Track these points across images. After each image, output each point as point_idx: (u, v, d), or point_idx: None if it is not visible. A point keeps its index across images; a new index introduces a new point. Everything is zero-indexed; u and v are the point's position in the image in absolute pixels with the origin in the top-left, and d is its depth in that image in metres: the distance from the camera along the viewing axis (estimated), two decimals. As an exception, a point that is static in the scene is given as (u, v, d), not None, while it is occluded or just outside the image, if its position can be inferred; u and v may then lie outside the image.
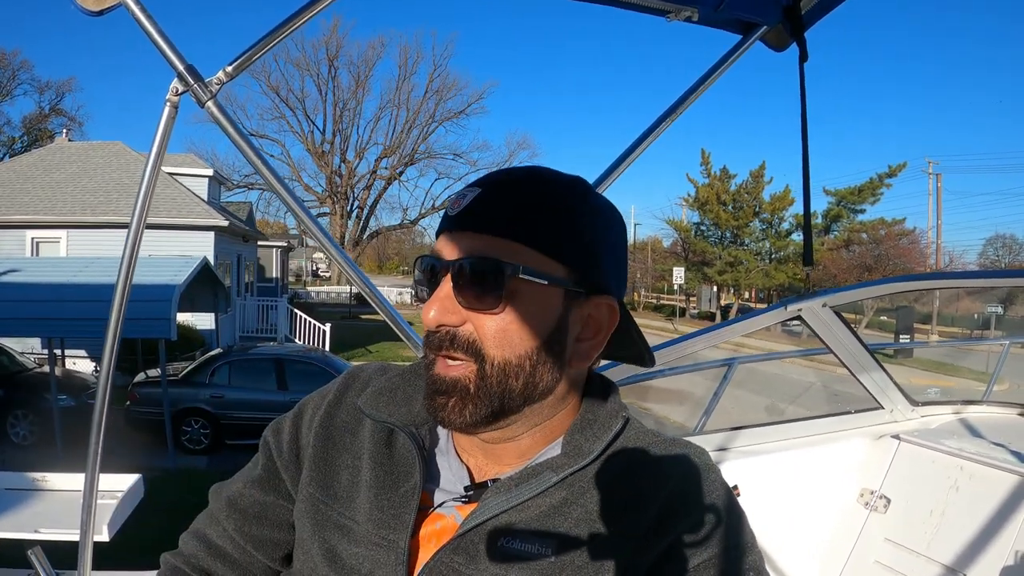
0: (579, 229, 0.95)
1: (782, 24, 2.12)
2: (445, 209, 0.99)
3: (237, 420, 12.63)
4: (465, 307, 0.92)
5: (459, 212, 0.94)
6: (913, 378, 17.59)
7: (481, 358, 0.93)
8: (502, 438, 0.99)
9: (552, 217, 0.94)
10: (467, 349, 0.93)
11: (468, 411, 0.94)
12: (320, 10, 1.55)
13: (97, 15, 1.36)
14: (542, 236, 0.93)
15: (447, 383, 0.94)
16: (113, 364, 1.48)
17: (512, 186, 0.96)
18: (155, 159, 1.41)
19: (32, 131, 50.10)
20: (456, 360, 0.94)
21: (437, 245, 0.97)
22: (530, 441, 1.00)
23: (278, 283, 36.88)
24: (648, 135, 2.11)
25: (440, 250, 0.95)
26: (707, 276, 44.13)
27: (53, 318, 11.13)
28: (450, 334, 0.93)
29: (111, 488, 3.97)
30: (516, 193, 0.95)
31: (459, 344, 0.93)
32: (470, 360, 0.93)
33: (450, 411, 0.94)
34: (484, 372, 0.93)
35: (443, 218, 0.98)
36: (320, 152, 54.49)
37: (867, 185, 38.93)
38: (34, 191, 21.44)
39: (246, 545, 1.14)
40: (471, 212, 0.94)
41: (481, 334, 0.93)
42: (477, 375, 0.93)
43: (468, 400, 0.93)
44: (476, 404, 0.93)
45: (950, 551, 2.81)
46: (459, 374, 0.93)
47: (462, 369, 0.93)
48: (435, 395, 0.95)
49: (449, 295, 0.93)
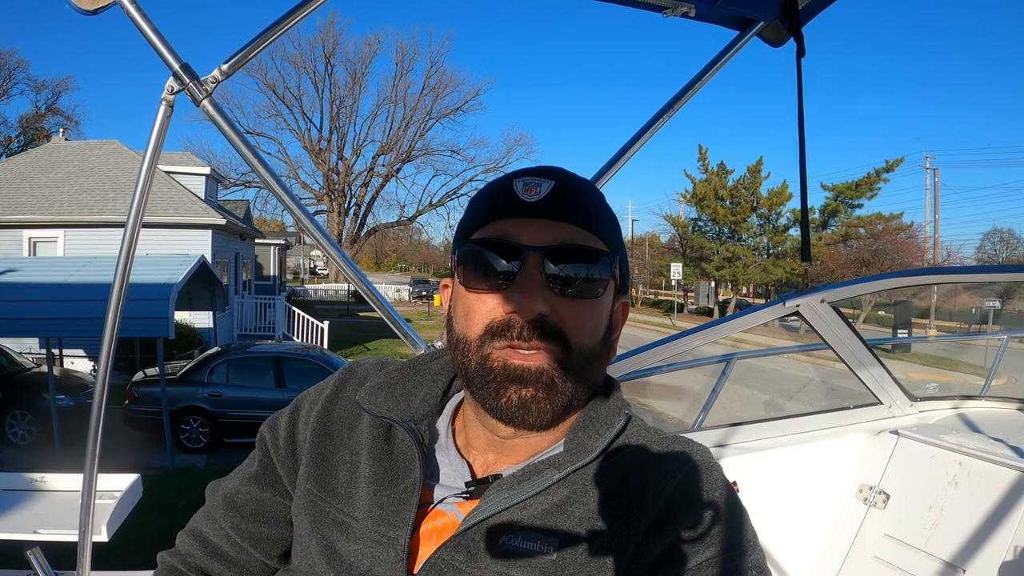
0: (618, 231, 1.00)
1: (779, 20, 2.12)
2: (502, 194, 0.96)
3: (236, 418, 12.61)
4: (560, 295, 0.91)
5: (540, 199, 0.93)
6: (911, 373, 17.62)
7: (567, 348, 0.91)
8: (525, 434, 0.98)
9: (610, 218, 0.99)
10: (556, 336, 0.91)
11: (552, 403, 0.92)
12: (316, 7, 1.54)
13: (92, 14, 1.35)
14: (609, 234, 0.96)
15: (531, 373, 0.91)
16: (111, 363, 1.47)
17: (577, 182, 0.98)
18: (151, 158, 1.41)
19: (28, 130, 50.05)
20: (537, 350, 0.91)
21: (507, 228, 0.93)
22: (542, 438, 1.00)
23: (276, 281, 36.88)
24: (646, 131, 2.11)
25: (517, 234, 0.92)
26: (705, 272, 44.15)
27: (51, 318, 11.11)
28: (539, 323, 0.90)
29: (110, 488, 3.96)
30: (586, 190, 0.97)
31: (547, 333, 0.91)
32: (556, 349, 0.91)
33: (533, 402, 0.91)
34: (568, 363, 0.92)
35: (508, 203, 0.94)
36: (317, 149, 54.47)
37: (865, 180, 38.98)
38: (31, 191, 21.40)
39: (243, 543, 1.13)
40: (554, 200, 0.93)
41: (569, 323, 0.91)
42: (562, 366, 0.91)
43: (554, 393, 0.92)
44: (559, 397, 0.92)
45: (949, 546, 2.81)
46: (544, 363, 0.91)
47: (546, 359, 0.91)
48: (510, 384, 0.91)
49: (542, 282, 0.90)
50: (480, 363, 0.93)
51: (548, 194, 0.93)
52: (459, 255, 0.97)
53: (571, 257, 0.91)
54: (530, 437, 0.99)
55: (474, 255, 0.94)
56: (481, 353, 0.93)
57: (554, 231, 0.92)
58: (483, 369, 0.93)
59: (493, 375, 0.92)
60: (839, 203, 40.15)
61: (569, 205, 0.93)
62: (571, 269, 0.91)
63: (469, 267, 0.94)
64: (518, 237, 0.92)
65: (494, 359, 0.92)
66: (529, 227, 0.92)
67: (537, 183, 0.94)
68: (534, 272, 0.90)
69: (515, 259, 0.91)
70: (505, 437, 0.99)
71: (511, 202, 0.94)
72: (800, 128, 2.30)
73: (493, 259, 0.92)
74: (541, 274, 0.90)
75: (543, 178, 0.95)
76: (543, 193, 0.93)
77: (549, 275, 0.90)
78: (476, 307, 0.93)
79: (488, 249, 0.93)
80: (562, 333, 0.91)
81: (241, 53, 1.50)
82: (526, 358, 0.90)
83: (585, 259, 0.92)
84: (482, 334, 0.93)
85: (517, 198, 0.93)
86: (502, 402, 0.92)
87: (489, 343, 0.92)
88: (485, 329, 0.92)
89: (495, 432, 0.99)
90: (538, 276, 0.90)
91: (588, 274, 0.92)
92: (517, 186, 0.94)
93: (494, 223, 0.94)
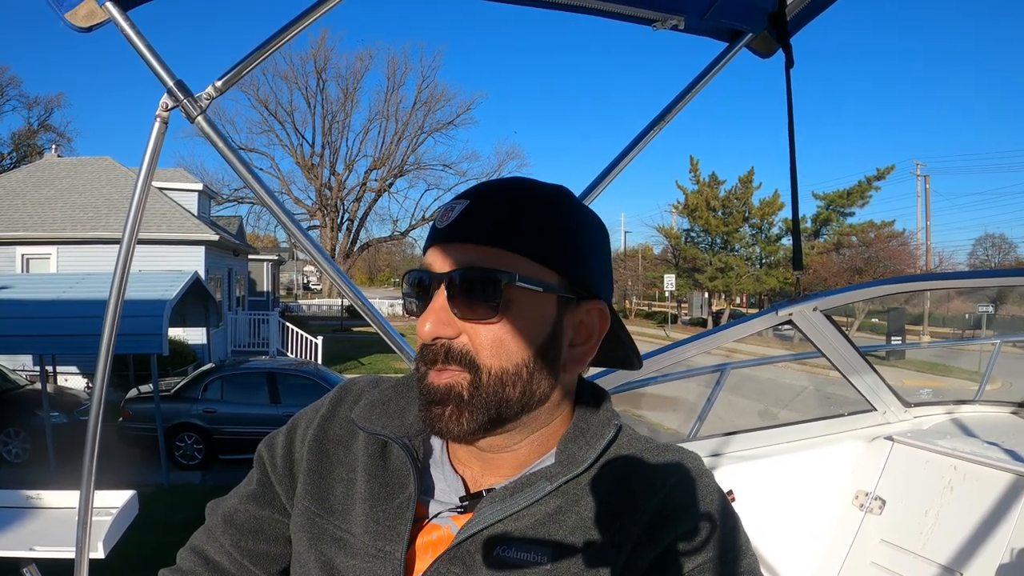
0: (567, 235, 0.97)
1: (768, 31, 2.14)
2: (433, 222, 0.99)
3: (230, 435, 12.57)
4: (460, 318, 0.93)
5: (448, 224, 0.95)
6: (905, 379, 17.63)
7: (476, 368, 0.93)
8: (501, 447, 1.00)
9: (540, 225, 0.95)
10: (462, 361, 0.93)
11: (465, 419, 0.93)
12: (309, 24, 1.55)
13: (87, 31, 1.36)
14: (532, 244, 0.94)
15: (441, 392, 0.93)
16: (106, 380, 1.48)
17: (499, 196, 0.97)
18: (146, 175, 1.41)
19: (21, 147, 50.01)
20: (445, 371, 0.94)
21: (427, 258, 0.97)
22: (527, 450, 1.01)
23: (269, 297, 36.80)
24: (637, 143, 2.12)
25: (431, 262, 0.96)
26: (698, 282, 44.19)
27: (44, 335, 11.07)
28: (445, 346, 0.93)
29: (106, 505, 3.93)
30: (503, 203, 0.96)
31: (454, 356, 0.93)
32: (464, 371, 0.93)
33: (447, 420, 0.94)
34: (479, 381, 0.93)
35: (431, 231, 0.98)
36: (309, 165, 54.53)
37: (856, 188, 39.15)
38: (24, 207, 21.37)
39: (243, 560, 1.14)
40: (460, 223, 0.94)
41: (476, 344, 0.93)
42: (471, 384, 0.93)
43: (464, 408, 0.93)
44: (472, 412, 0.93)
45: (946, 551, 2.82)
46: (453, 381, 0.93)
47: (456, 376, 0.93)
48: (430, 405, 0.95)
49: (444, 307, 0.93)
50: (418, 382, 0.98)
51: (456, 217, 0.95)
52: None
53: (463, 280, 0.92)
54: (510, 450, 1.00)
55: (407, 284, 0.99)
56: (419, 374, 0.98)
57: (459, 254, 0.94)
58: (419, 390, 0.97)
59: (422, 396, 0.97)
60: (831, 212, 40.28)
61: (475, 225, 0.94)
62: (461, 292, 0.92)
63: (407, 296, 1.00)
64: (432, 265, 0.95)
65: (421, 378, 0.97)
66: (440, 253, 0.95)
67: (451, 207, 0.97)
68: (438, 297, 0.93)
69: (424, 288, 0.96)
70: (483, 449, 1.00)
71: (432, 230, 0.98)
72: (790, 137, 2.31)
73: (408, 289, 0.98)
74: (444, 299, 0.93)
75: (459, 200, 0.97)
76: (452, 217, 0.95)
77: (450, 299, 0.93)
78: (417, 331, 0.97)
79: (407, 279, 0.99)
80: (469, 355, 0.93)
81: (235, 69, 1.50)
82: (436, 378, 0.94)
83: (474, 282, 0.92)
84: (418, 356, 0.98)
85: (434, 226, 0.98)
86: (427, 419, 0.96)
87: (421, 365, 0.97)
88: (418, 352, 0.97)
89: (475, 445, 1.00)
90: (440, 301, 0.93)
91: (478, 297, 0.92)
92: (439, 212, 0.98)
93: (427, 251, 0.98)
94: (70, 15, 1.34)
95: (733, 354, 19.75)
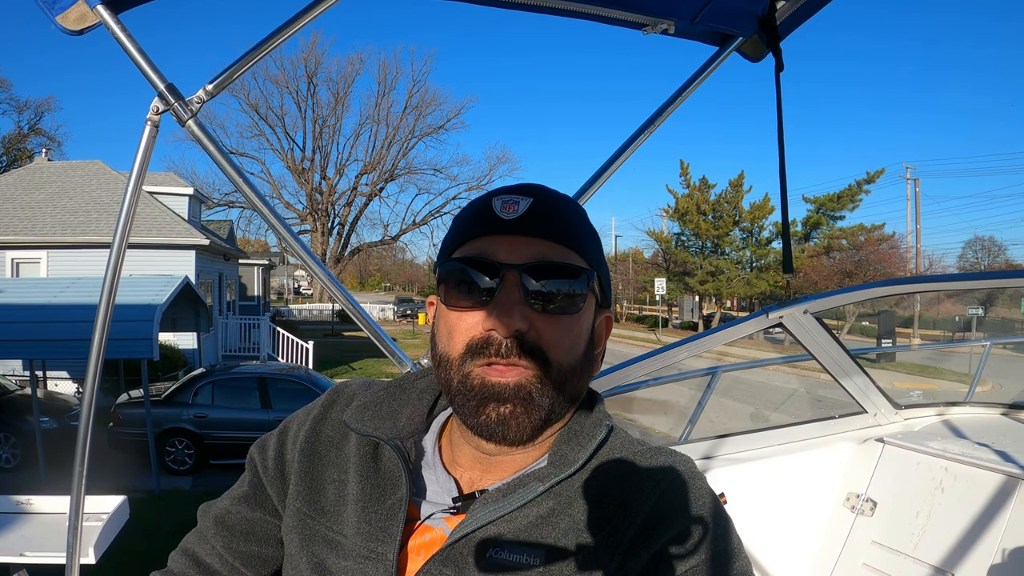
0: (600, 246, 1.02)
1: (758, 35, 2.14)
2: (477, 211, 0.97)
3: (221, 439, 12.53)
4: (541, 311, 0.92)
5: (518, 216, 0.94)
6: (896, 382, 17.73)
7: (547, 364, 0.92)
8: (509, 449, 0.99)
9: (591, 234, 1.00)
10: (534, 354, 0.92)
11: (528, 419, 0.93)
12: (300, 27, 1.55)
13: (78, 34, 1.36)
14: (589, 250, 0.98)
15: (510, 389, 0.92)
16: (98, 384, 1.47)
17: (559, 199, 0.99)
18: (137, 178, 1.41)
19: (11, 151, 49.73)
20: (515, 367, 0.92)
21: (483, 247, 0.95)
22: (531, 453, 1.01)
23: (260, 301, 36.67)
24: (627, 147, 2.12)
25: (494, 251, 0.94)
26: (689, 286, 44.31)
27: (34, 339, 11.02)
28: (516, 340, 0.91)
29: (96, 510, 3.92)
30: (566, 206, 0.98)
31: (526, 349, 0.91)
32: (535, 366, 0.92)
33: (509, 419, 0.92)
34: (547, 379, 0.92)
35: (486, 221, 0.96)
36: (300, 169, 54.47)
37: (846, 192, 39.29)
38: (13, 211, 21.26)
39: (235, 562, 1.13)
40: (532, 218, 0.94)
41: (548, 339, 0.92)
42: (540, 382, 0.92)
43: (530, 407, 0.92)
44: (535, 412, 0.93)
45: (937, 552, 2.82)
46: (522, 378, 0.92)
47: (525, 373, 0.92)
48: (489, 402, 0.92)
49: (519, 299, 0.91)
50: (461, 381, 0.94)
51: (526, 211, 0.94)
52: (440, 273, 0.98)
53: (549, 273, 0.92)
54: (514, 453, 1.00)
55: (454, 273, 0.95)
56: (462, 371, 0.94)
57: (532, 248, 0.93)
58: (464, 387, 0.94)
59: (473, 393, 0.93)
60: (821, 215, 40.42)
61: (547, 221, 0.94)
62: (550, 285, 0.92)
63: (450, 285, 0.95)
64: (496, 255, 0.93)
65: (474, 377, 0.93)
66: (507, 244, 0.93)
67: (515, 200, 0.95)
68: (512, 289, 0.91)
69: (494, 276, 0.92)
70: (490, 453, 1.00)
71: (490, 220, 0.95)
72: (780, 141, 2.32)
73: (473, 276, 0.93)
74: (520, 291, 0.91)
75: (521, 195, 0.96)
76: (521, 210, 0.94)
77: (528, 291, 0.91)
78: (457, 325, 0.94)
79: (468, 266, 0.94)
80: (541, 350, 0.92)
81: (226, 73, 1.50)
82: (504, 374, 0.91)
83: (563, 275, 0.93)
84: (463, 352, 0.93)
85: (496, 216, 0.95)
86: (482, 419, 0.93)
87: (470, 361, 0.93)
88: (466, 347, 0.93)
89: (480, 449, 1.00)
90: (516, 293, 0.91)
91: (567, 290, 0.93)
92: (496, 204, 0.96)
93: (474, 241, 0.95)
94: (61, 18, 1.34)
95: (724, 357, 19.82)
